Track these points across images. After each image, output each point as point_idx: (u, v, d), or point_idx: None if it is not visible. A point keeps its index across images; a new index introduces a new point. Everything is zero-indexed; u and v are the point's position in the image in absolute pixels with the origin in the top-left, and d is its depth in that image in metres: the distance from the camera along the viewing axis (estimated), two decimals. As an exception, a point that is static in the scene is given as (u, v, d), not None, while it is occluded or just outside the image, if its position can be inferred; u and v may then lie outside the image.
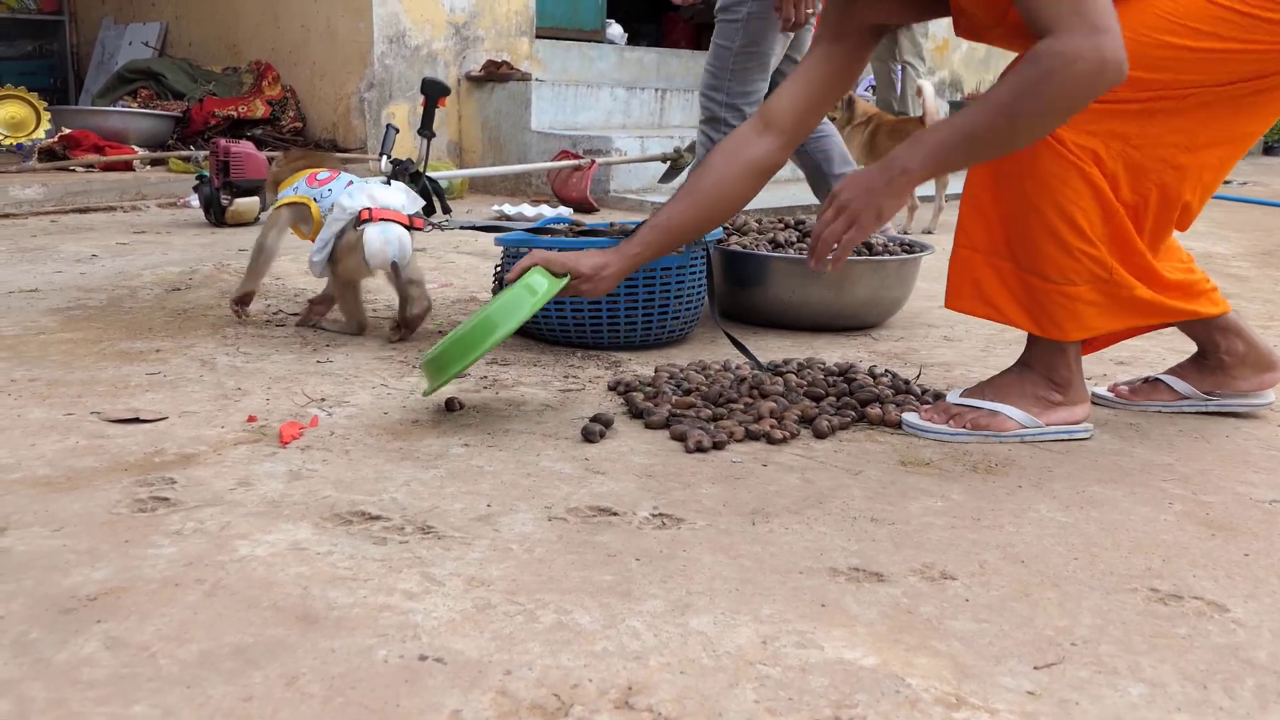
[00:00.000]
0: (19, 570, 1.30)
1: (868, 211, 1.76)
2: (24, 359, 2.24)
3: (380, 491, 1.59)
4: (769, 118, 1.99)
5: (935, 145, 1.71)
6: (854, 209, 1.76)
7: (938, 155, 1.71)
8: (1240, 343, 2.05)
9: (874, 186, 1.75)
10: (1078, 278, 1.83)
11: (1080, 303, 1.84)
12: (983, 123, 1.68)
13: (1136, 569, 1.40)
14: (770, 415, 1.95)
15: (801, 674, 1.12)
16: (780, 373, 2.25)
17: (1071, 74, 1.58)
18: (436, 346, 1.93)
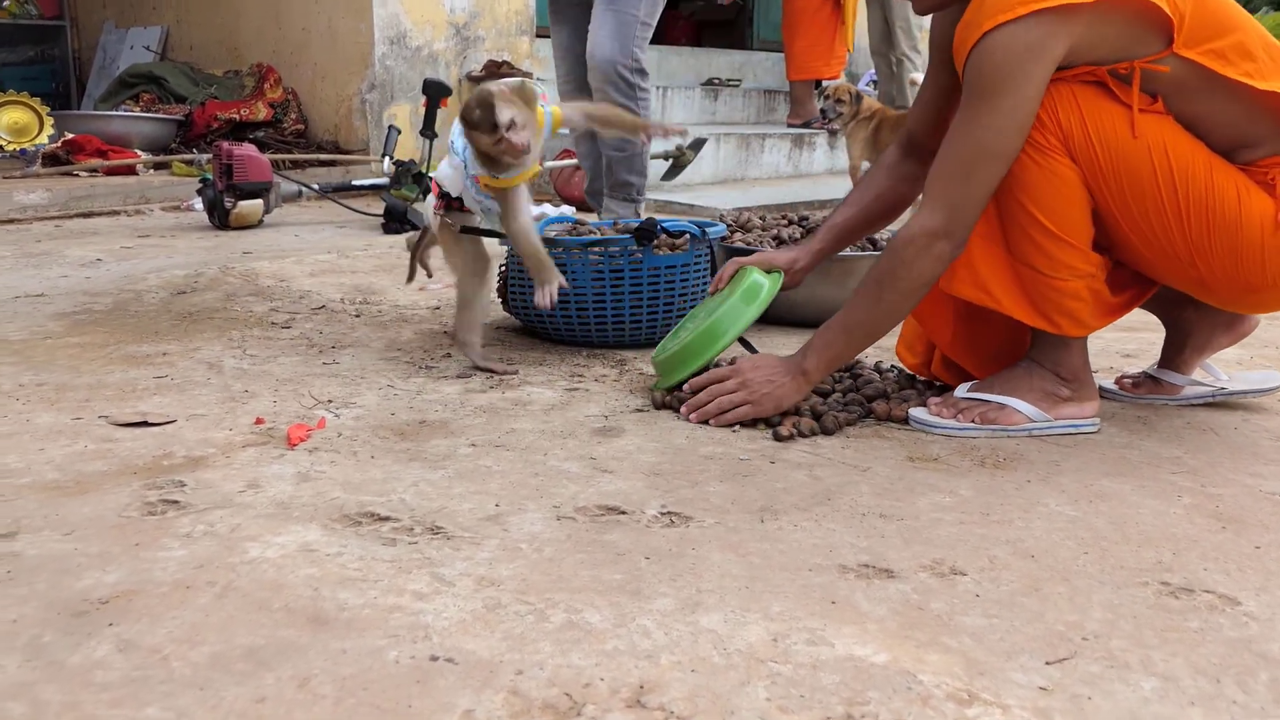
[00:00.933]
0: (31, 574, 1.30)
1: (768, 399, 1.93)
2: (31, 364, 2.25)
3: (389, 492, 1.59)
4: (911, 139, 2.16)
5: (823, 345, 1.93)
6: (757, 392, 1.93)
7: (827, 353, 1.93)
8: (1190, 309, 2.08)
9: (780, 381, 1.93)
10: (1068, 274, 1.83)
11: (1072, 299, 1.84)
12: (856, 318, 1.91)
13: (1147, 563, 1.40)
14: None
15: (813, 671, 1.12)
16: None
17: (917, 266, 1.82)
18: (668, 349, 2.13)
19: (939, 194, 1.81)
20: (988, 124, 1.75)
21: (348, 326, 2.67)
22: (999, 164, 1.78)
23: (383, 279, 3.33)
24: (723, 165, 6.26)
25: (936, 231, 1.80)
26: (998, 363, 2.01)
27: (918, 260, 1.81)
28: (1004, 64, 1.72)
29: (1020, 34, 1.70)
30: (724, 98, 7.27)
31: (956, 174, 1.79)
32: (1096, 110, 1.77)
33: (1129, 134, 1.76)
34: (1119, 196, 1.79)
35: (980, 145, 1.76)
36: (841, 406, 2.00)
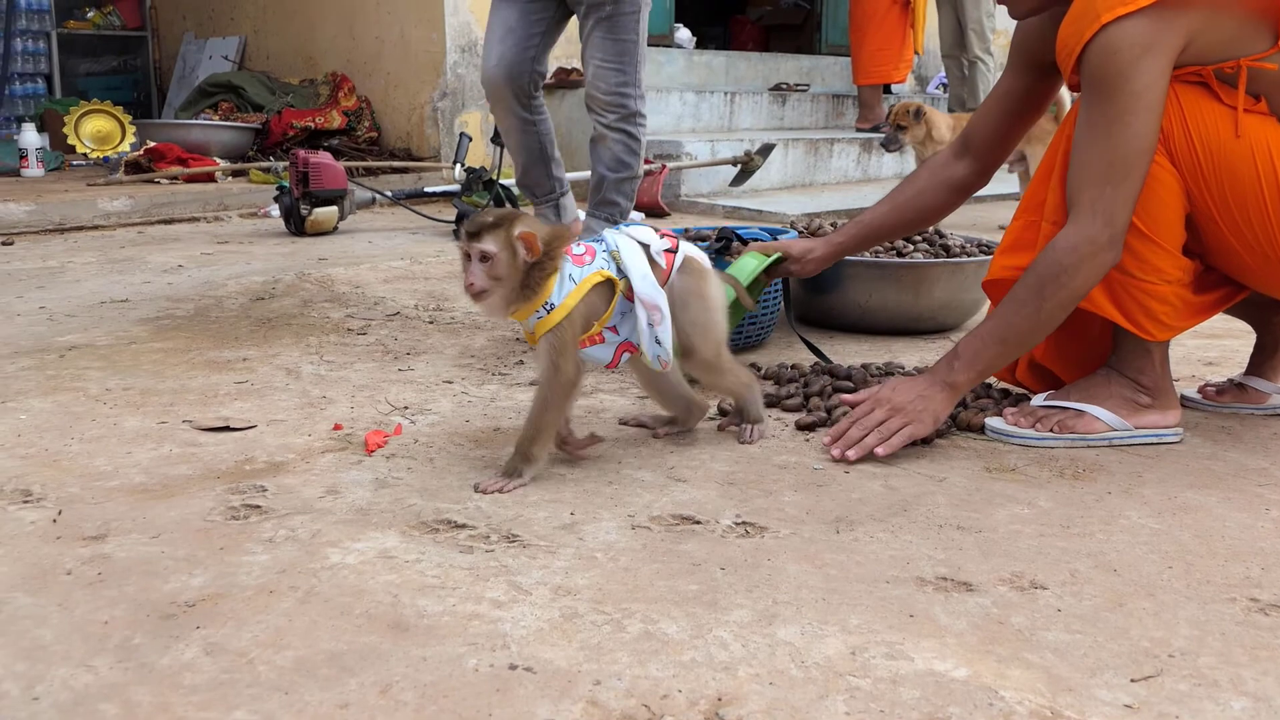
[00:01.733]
0: (121, 576, 1.33)
1: (927, 415, 1.83)
2: (118, 368, 2.30)
3: (465, 500, 1.60)
4: (968, 141, 2.13)
5: (973, 356, 1.84)
6: (912, 411, 1.82)
7: (978, 364, 1.85)
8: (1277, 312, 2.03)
9: (931, 395, 1.84)
10: (1157, 277, 1.80)
11: (1159, 302, 1.82)
12: (1012, 324, 1.82)
13: (1234, 578, 1.37)
14: None
15: (892, 686, 1.11)
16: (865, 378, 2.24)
17: (1082, 271, 1.75)
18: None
19: (1094, 202, 1.74)
20: (1124, 124, 1.71)
21: (422, 333, 2.70)
22: (1144, 161, 1.74)
23: (455, 285, 3.36)
24: (791, 170, 6.23)
25: (1100, 241, 1.74)
26: (1084, 369, 1.98)
27: (1081, 269, 1.75)
28: (1130, 58, 1.69)
29: (1140, 28, 1.67)
30: (792, 102, 7.24)
31: (1106, 178, 1.74)
32: (1198, 111, 1.74)
33: (1232, 135, 1.73)
34: (1219, 199, 1.76)
35: (1123, 146, 1.72)
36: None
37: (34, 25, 7.54)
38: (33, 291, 3.15)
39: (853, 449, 1.79)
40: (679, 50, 7.33)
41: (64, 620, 1.23)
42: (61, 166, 6.03)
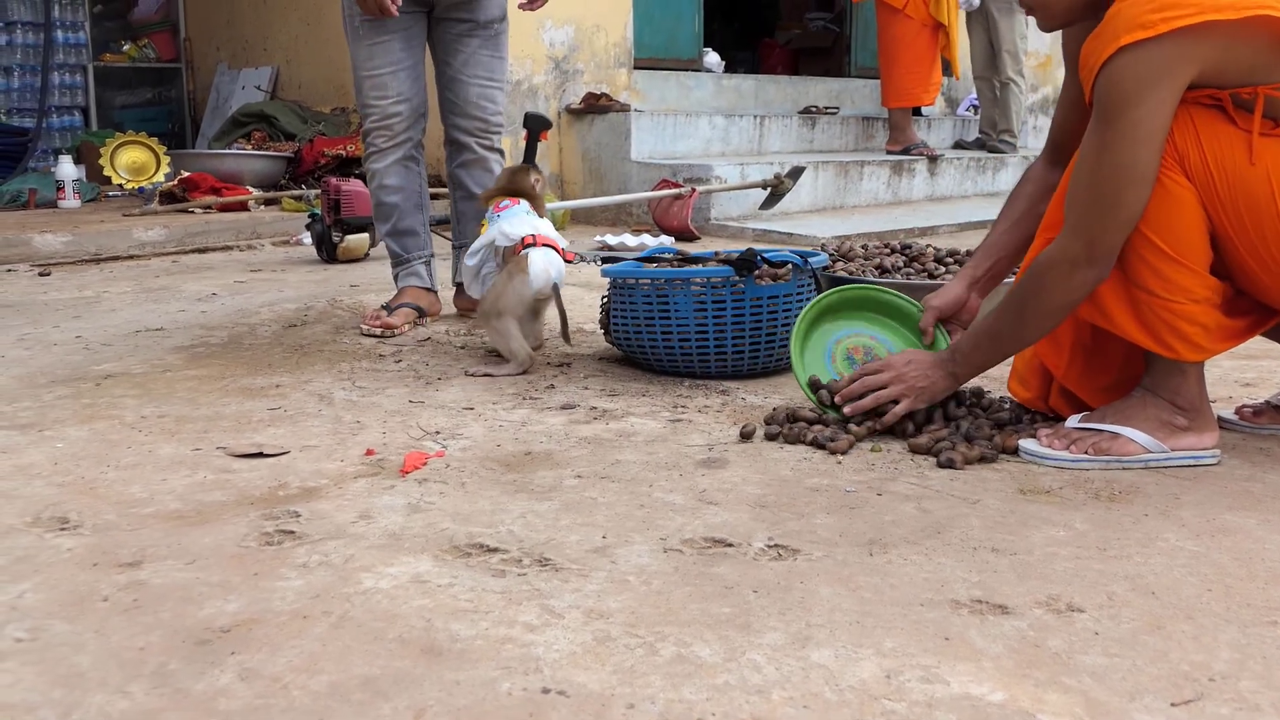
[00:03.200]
0: (156, 602, 1.34)
1: (924, 394, 2.00)
2: (153, 396, 2.33)
3: (497, 524, 1.61)
4: (1056, 145, 2.15)
5: (970, 350, 1.98)
6: (913, 386, 2.00)
7: (975, 357, 1.98)
8: None
9: (934, 376, 2.00)
10: (1184, 297, 1.78)
11: (1187, 322, 1.79)
12: (1000, 329, 1.93)
13: (1275, 601, 1.35)
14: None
15: (928, 709, 1.10)
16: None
17: (1060, 289, 1.81)
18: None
19: (1078, 221, 1.78)
20: (1123, 149, 1.72)
21: (453, 358, 2.71)
22: (1140, 189, 1.74)
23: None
24: (821, 193, 6.23)
25: (1078, 260, 1.78)
26: (1114, 394, 1.96)
27: (1058, 287, 1.81)
28: (1136, 87, 1.69)
29: (1154, 54, 1.67)
30: (821, 125, 7.25)
31: (1095, 200, 1.76)
32: (1214, 134, 1.73)
33: (1246, 159, 1.72)
34: (1236, 221, 1.74)
35: (1119, 170, 1.73)
36: (965, 438, 1.97)
37: (71, 59, 7.66)
38: (69, 321, 3.19)
39: (850, 406, 2.02)
40: (708, 74, 7.36)
41: (100, 646, 1.24)
42: (97, 198, 6.12)
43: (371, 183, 3.14)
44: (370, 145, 3.10)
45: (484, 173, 3.17)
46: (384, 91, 3.03)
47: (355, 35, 3.02)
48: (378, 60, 3.00)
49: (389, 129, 3.06)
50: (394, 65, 3.02)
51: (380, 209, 3.16)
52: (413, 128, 3.10)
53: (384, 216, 3.16)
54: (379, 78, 3.01)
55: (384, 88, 3.02)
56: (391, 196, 3.12)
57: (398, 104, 3.04)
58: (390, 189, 3.11)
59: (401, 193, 3.12)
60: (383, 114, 3.04)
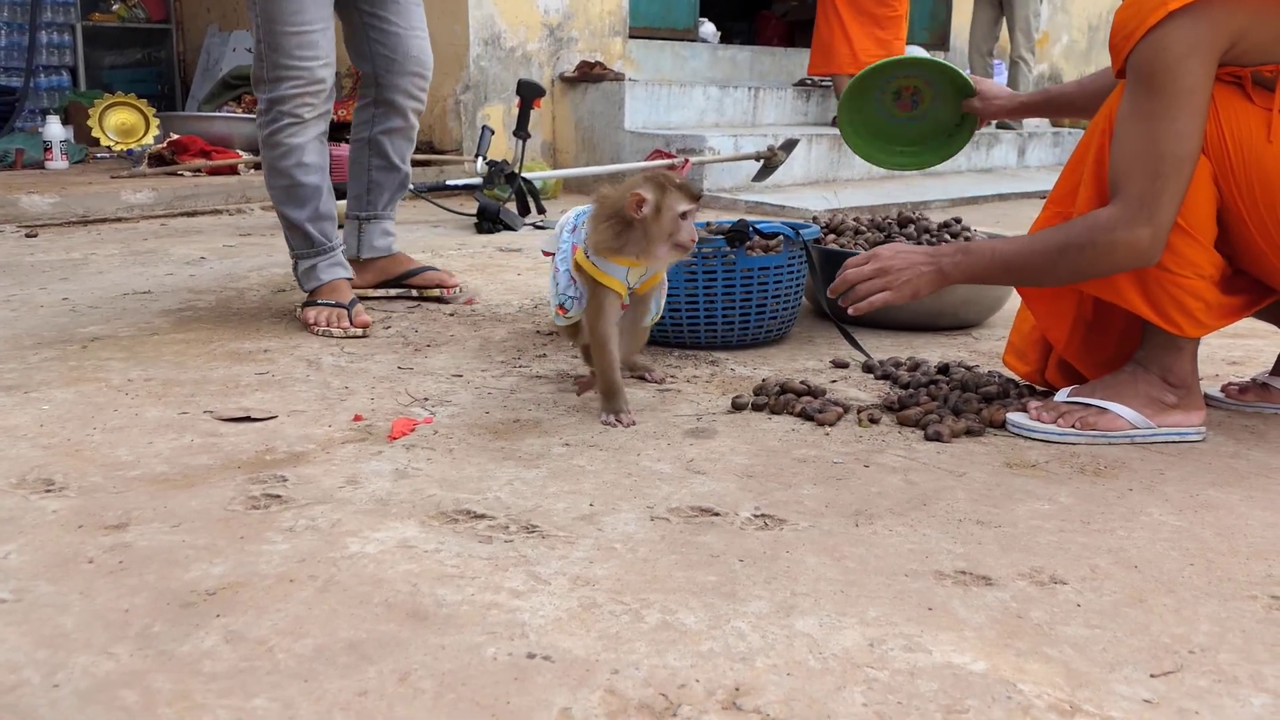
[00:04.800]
0: (142, 565, 1.34)
1: (907, 287, 1.92)
2: (140, 359, 2.32)
3: (484, 490, 1.61)
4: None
5: (975, 263, 1.89)
6: (896, 277, 1.92)
7: (975, 271, 1.90)
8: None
9: (920, 270, 1.91)
10: (1193, 272, 1.78)
11: (1193, 298, 1.80)
12: (1023, 261, 1.87)
13: (1256, 575, 1.36)
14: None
15: (910, 678, 1.11)
16: (890, 374, 2.25)
17: (1114, 255, 1.76)
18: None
19: (1141, 197, 1.73)
20: (1177, 115, 1.70)
21: (442, 325, 2.70)
22: (1190, 162, 1.73)
23: (476, 278, 3.37)
24: (814, 166, 6.22)
25: (1142, 236, 1.73)
26: (1111, 368, 1.96)
27: (1114, 255, 1.76)
28: (1185, 52, 1.68)
29: (1193, 25, 1.66)
30: (816, 98, 7.22)
31: (1152, 173, 1.72)
32: (1233, 110, 1.73)
33: (1264, 137, 1.72)
34: (1249, 199, 1.74)
35: (1173, 143, 1.71)
36: (952, 410, 1.97)
37: (59, 18, 7.58)
38: (56, 283, 3.18)
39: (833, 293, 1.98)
40: (703, 45, 7.32)
41: (85, 608, 1.24)
42: (86, 159, 6.07)
43: (284, 160, 2.65)
44: (288, 116, 2.63)
45: (406, 143, 2.95)
46: (314, 51, 2.61)
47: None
48: (309, 14, 2.59)
49: (314, 97, 2.64)
50: (324, 22, 2.63)
51: (298, 191, 2.68)
52: (331, 97, 2.72)
53: (303, 200, 2.69)
54: (309, 35, 2.59)
55: (314, 46, 2.61)
56: (312, 176, 2.68)
57: (325, 67, 2.65)
58: (311, 168, 2.68)
59: (321, 172, 2.71)
60: (310, 78, 2.62)
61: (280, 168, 2.66)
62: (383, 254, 3.00)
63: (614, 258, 1.94)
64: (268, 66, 2.63)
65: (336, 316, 2.61)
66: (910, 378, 2.19)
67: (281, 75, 2.61)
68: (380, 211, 2.97)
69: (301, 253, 2.73)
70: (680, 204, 1.91)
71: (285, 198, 2.70)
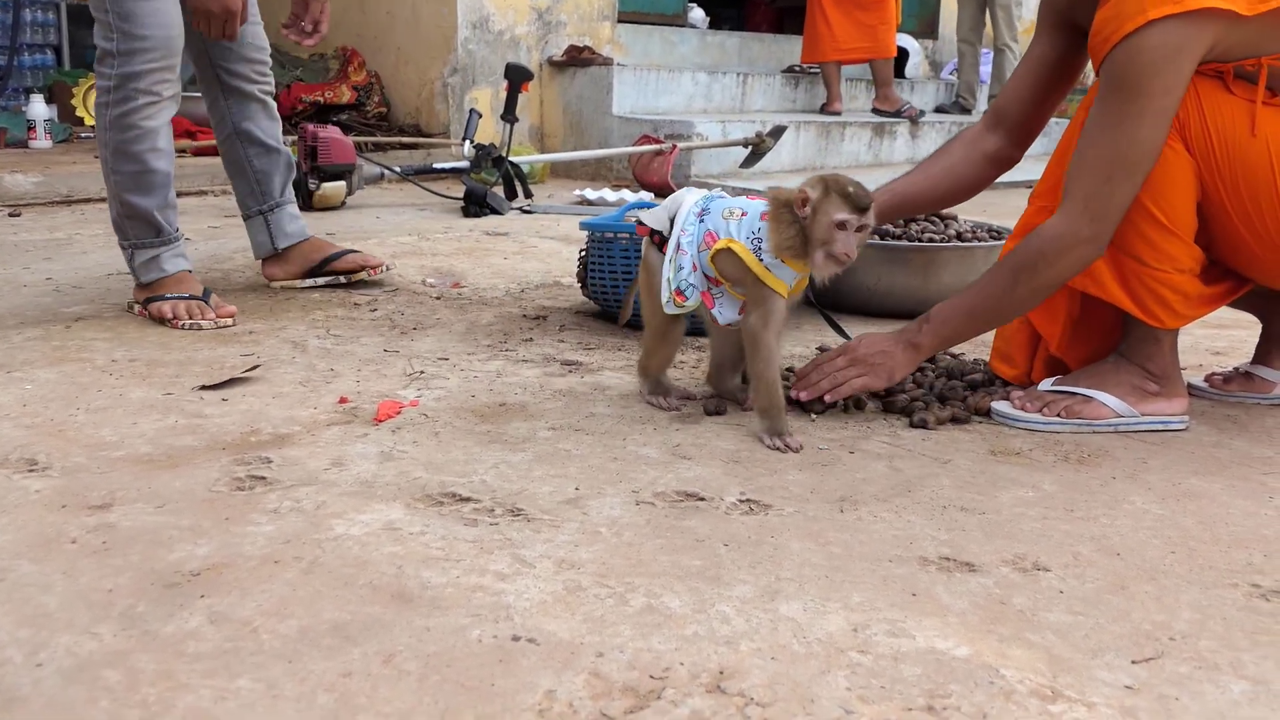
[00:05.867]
0: (125, 545, 1.34)
1: (882, 370, 1.91)
2: (124, 340, 2.31)
3: (470, 473, 1.61)
4: (999, 114, 2.11)
5: (941, 322, 1.91)
6: (869, 363, 1.91)
7: (945, 330, 1.91)
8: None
9: (891, 352, 1.92)
10: (1171, 266, 1.79)
11: (1171, 291, 1.81)
12: (985, 304, 1.88)
13: (1237, 564, 1.37)
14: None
15: (893, 663, 1.11)
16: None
17: (1061, 262, 1.79)
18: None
19: (1086, 197, 1.76)
20: (1143, 123, 1.71)
21: (429, 309, 2.70)
22: (1147, 164, 1.74)
23: (463, 261, 3.36)
24: (802, 153, 6.22)
25: (1083, 236, 1.76)
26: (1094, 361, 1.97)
27: (1060, 261, 1.79)
28: (1162, 61, 1.68)
29: (1180, 30, 1.67)
30: (804, 85, 7.21)
31: (1104, 176, 1.74)
32: (1215, 102, 1.74)
33: (1248, 130, 1.72)
34: (1233, 190, 1.75)
35: (1130, 148, 1.72)
36: (937, 398, 1.98)
37: (44, -4, 7.53)
38: (39, 263, 3.16)
39: (805, 391, 1.92)
40: (692, 30, 7.30)
41: (68, 588, 1.23)
42: (70, 138, 6.03)
43: (138, 144, 2.42)
44: (144, 94, 2.40)
45: (273, 123, 2.80)
46: (170, 19, 2.38)
47: None
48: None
49: (170, 71, 2.43)
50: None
51: (150, 178, 2.46)
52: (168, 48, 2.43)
53: (154, 187, 2.47)
54: (164, 2, 2.37)
55: (166, 14, 2.38)
56: (163, 162, 2.47)
57: (179, 39, 2.43)
58: (163, 153, 2.47)
59: (170, 157, 2.50)
60: (166, 50, 2.39)
61: (132, 152, 2.42)
62: (299, 239, 2.86)
63: (791, 261, 1.79)
64: (119, 37, 2.36)
65: (198, 309, 2.46)
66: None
67: (135, 48, 2.36)
68: (279, 199, 2.82)
69: (143, 242, 2.51)
70: (838, 211, 1.74)
71: (134, 185, 2.46)
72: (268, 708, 1.01)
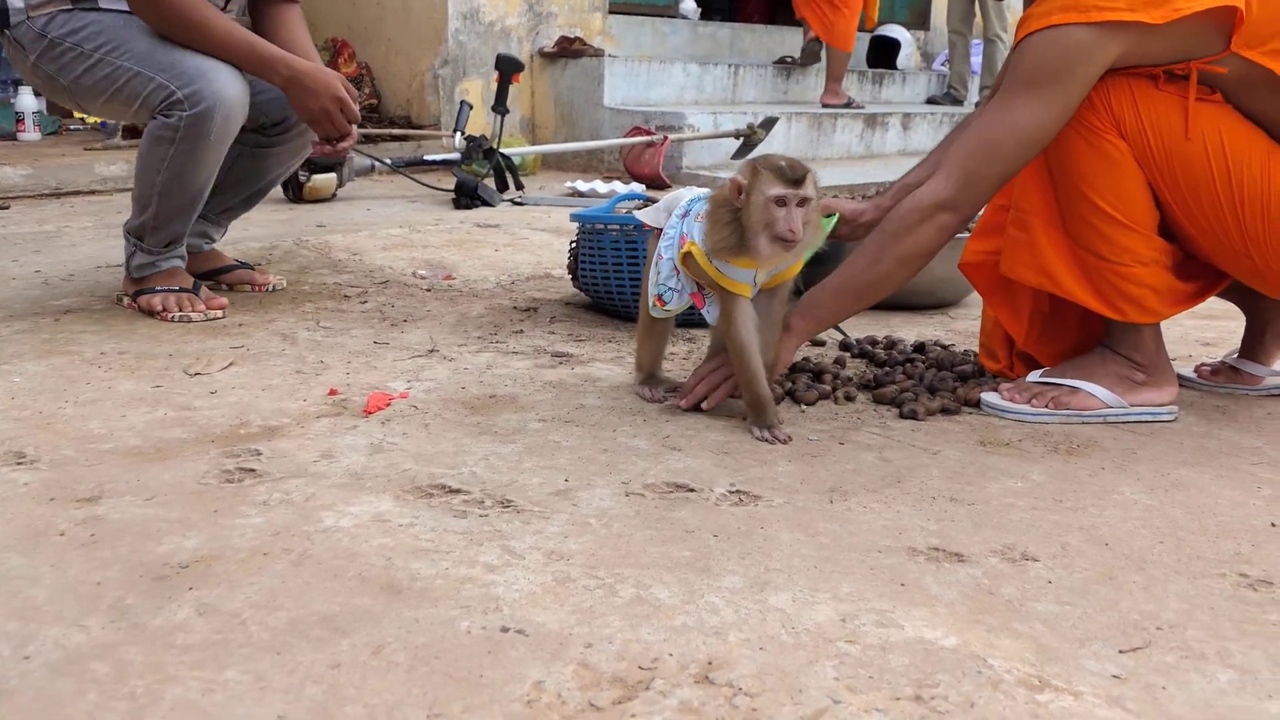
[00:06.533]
0: (114, 537, 1.34)
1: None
2: (113, 332, 2.30)
3: (459, 465, 1.61)
4: None
5: (811, 304, 1.90)
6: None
7: (816, 312, 1.90)
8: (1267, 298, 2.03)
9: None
10: (1131, 259, 1.80)
11: (1136, 285, 1.81)
12: (851, 276, 1.87)
13: (1224, 554, 1.38)
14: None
15: (882, 653, 1.12)
16: (866, 352, 2.25)
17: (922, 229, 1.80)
18: None
19: (957, 166, 1.79)
20: (1024, 112, 1.74)
21: (419, 301, 2.69)
22: (1027, 151, 1.77)
23: (454, 254, 3.35)
24: (793, 145, 6.21)
25: (944, 203, 1.79)
26: (1070, 357, 1.97)
27: (919, 228, 1.81)
28: (1052, 61, 1.72)
29: (1082, 37, 1.69)
30: (796, 76, 7.21)
31: (980, 151, 1.78)
32: (1149, 101, 1.76)
33: (1182, 133, 1.74)
34: (1171, 183, 1.76)
35: (1012, 129, 1.75)
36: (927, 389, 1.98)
37: (33, -12, 7.49)
38: (28, 255, 3.15)
39: (684, 400, 1.88)
40: (683, 21, 7.30)
41: (56, 580, 1.23)
42: (59, 131, 6.00)
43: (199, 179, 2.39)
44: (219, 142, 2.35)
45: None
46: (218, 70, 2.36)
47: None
48: None
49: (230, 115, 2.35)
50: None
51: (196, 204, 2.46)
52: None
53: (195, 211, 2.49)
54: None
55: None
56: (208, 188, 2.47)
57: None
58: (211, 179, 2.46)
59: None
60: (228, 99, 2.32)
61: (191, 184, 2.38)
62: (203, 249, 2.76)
63: (735, 260, 1.74)
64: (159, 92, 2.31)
65: (188, 301, 2.44)
66: (886, 356, 2.20)
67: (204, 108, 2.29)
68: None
69: (155, 250, 2.48)
70: (771, 187, 1.67)
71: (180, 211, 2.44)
72: (256, 699, 1.01)
